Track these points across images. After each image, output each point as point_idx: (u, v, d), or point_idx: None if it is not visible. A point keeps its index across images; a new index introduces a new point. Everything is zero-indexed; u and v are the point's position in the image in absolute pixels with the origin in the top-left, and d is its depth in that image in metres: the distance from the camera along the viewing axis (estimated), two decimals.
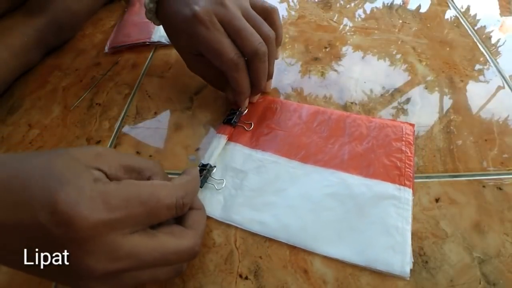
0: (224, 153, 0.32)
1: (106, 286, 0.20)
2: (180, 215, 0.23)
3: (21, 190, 0.19)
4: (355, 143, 0.32)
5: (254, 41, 0.31)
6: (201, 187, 0.29)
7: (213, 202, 0.29)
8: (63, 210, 0.18)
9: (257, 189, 0.30)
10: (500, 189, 0.29)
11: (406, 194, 0.28)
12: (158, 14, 0.35)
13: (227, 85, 0.34)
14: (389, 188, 0.29)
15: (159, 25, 0.37)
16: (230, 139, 0.33)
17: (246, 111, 0.35)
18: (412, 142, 0.32)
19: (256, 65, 0.32)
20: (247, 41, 0.31)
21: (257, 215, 0.28)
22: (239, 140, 0.33)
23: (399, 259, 0.25)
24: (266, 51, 0.32)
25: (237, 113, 0.34)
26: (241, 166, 0.31)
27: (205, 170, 0.30)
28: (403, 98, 0.37)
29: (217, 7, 0.31)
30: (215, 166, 0.31)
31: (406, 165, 0.30)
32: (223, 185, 0.30)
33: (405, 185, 0.29)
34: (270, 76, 0.35)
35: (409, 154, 0.31)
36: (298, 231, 0.27)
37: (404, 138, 0.32)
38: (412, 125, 0.33)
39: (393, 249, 0.25)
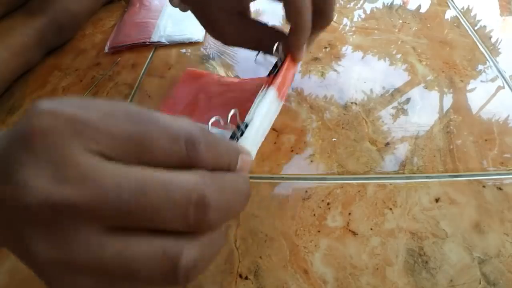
0: None
1: (50, 243, 0.13)
2: (193, 160, 0.15)
3: None
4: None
5: None
6: None
7: None
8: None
9: None
10: (500, 189, 0.29)
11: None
12: None
13: (278, 40, 0.30)
14: None
15: None
16: None
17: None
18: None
19: None
20: None
21: None
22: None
23: None
24: None
25: (278, 66, 0.30)
26: None
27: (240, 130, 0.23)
28: (403, 98, 0.37)
29: None
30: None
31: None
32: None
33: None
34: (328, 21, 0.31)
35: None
36: None
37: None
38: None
39: None
